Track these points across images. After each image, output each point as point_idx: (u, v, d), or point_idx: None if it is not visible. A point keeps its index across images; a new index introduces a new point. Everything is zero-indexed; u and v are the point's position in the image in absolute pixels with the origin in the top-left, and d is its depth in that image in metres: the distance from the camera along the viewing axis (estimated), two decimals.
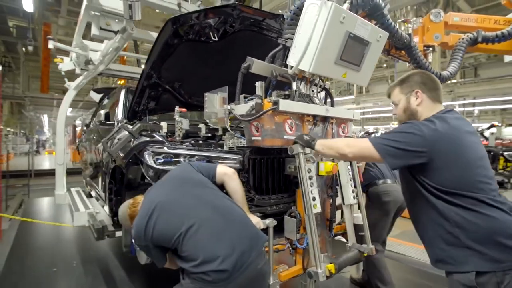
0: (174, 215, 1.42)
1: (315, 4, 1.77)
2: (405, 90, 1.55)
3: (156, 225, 1.42)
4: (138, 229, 1.46)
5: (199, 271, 1.31)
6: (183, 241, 1.37)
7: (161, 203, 1.46)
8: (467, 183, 1.28)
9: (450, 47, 2.79)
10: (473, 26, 2.79)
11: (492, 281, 1.20)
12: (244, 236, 1.42)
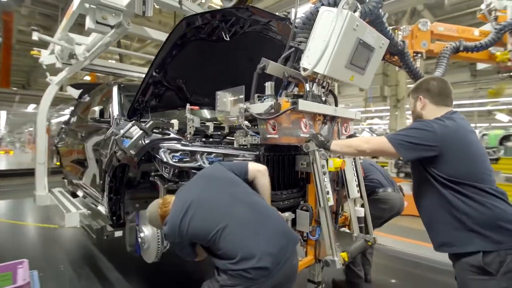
0: (211, 213, 1.45)
1: (330, 11, 1.90)
2: (414, 96, 1.74)
3: (191, 222, 1.45)
4: (172, 226, 1.48)
5: (238, 268, 1.33)
6: (220, 238, 1.39)
7: (196, 201, 1.49)
8: (473, 174, 1.48)
9: (435, 54, 3.07)
10: (455, 36, 3.10)
11: (496, 260, 1.40)
12: (280, 232, 1.46)
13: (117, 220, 2.72)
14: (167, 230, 1.52)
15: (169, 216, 1.54)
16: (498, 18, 3.08)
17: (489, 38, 2.90)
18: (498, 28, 2.90)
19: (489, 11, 3.18)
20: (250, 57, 2.81)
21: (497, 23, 3.04)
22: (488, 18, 3.19)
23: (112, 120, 2.92)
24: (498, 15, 3.09)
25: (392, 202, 2.64)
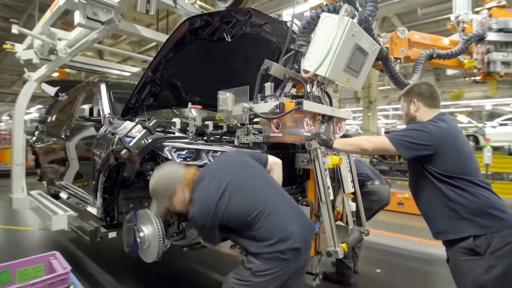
0: (251, 195, 1.48)
1: (331, 17, 2.02)
2: (407, 99, 1.91)
3: (230, 203, 1.44)
4: (206, 206, 1.44)
5: (275, 250, 1.39)
6: (260, 220, 1.42)
7: (232, 183, 1.49)
8: (464, 169, 1.67)
9: (412, 60, 3.33)
10: (429, 44, 3.38)
11: (484, 243, 1.58)
12: (306, 219, 1.60)
13: (111, 221, 2.66)
14: (197, 211, 1.46)
15: (202, 195, 1.49)
16: (465, 29, 3.40)
17: (459, 47, 3.20)
18: (466, 38, 3.21)
19: (457, 22, 3.50)
20: (244, 57, 2.89)
21: (464, 33, 3.35)
22: (457, 28, 3.51)
23: (104, 119, 2.85)
24: (465, 26, 3.41)
25: (380, 193, 2.84)
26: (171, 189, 1.57)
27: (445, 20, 8.31)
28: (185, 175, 1.58)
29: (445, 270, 1.91)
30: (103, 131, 2.71)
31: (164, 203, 1.64)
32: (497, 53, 3.16)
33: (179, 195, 1.57)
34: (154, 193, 1.62)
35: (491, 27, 3.16)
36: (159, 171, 1.63)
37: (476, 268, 1.59)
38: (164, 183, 1.58)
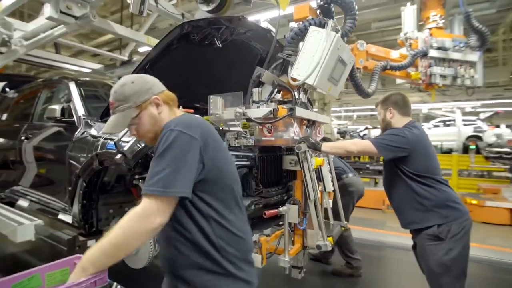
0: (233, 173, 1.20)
1: (319, 31, 2.21)
2: (384, 107, 2.18)
3: (217, 154, 1.11)
4: (195, 126, 1.07)
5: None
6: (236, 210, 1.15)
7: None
8: (430, 169, 1.98)
9: (369, 70, 3.70)
10: (383, 56, 3.79)
11: (445, 229, 1.90)
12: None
13: (89, 229, 2.54)
14: (183, 125, 1.04)
15: (184, 119, 1.10)
16: (412, 45, 3.90)
17: (407, 61, 3.66)
18: (413, 54, 3.68)
19: (405, 38, 3.98)
20: (227, 62, 2.96)
21: (411, 48, 3.84)
22: (405, 43, 4.00)
23: (78, 121, 2.68)
24: (412, 42, 3.91)
25: (356, 184, 3.17)
26: (145, 95, 1.14)
27: (390, 31, 9.27)
28: (166, 91, 1.22)
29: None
30: (80, 134, 2.56)
31: (127, 114, 1.14)
32: (437, 67, 3.66)
33: (151, 109, 1.15)
34: (119, 96, 1.15)
35: (432, 45, 3.65)
36: (130, 75, 1.23)
37: (439, 251, 1.91)
38: (137, 85, 1.16)
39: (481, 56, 3.57)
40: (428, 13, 3.70)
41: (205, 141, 1.06)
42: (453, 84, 3.57)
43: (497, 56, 9.72)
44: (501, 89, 10.15)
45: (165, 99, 1.19)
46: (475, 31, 3.13)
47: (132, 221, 0.98)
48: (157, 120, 1.17)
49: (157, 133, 1.12)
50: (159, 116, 1.17)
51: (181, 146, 1.01)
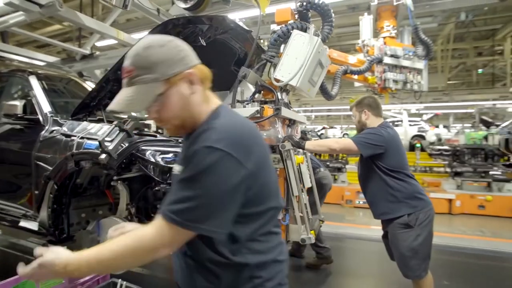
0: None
1: (301, 35, 2.31)
2: (359, 109, 2.37)
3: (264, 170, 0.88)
4: (241, 142, 0.82)
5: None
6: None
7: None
8: (401, 164, 2.20)
9: (332, 73, 3.92)
10: (343, 61, 4.06)
11: (413, 218, 2.13)
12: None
13: (60, 235, 2.36)
14: (225, 139, 0.79)
15: (229, 120, 0.87)
16: (369, 51, 4.24)
17: (365, 66, 3.96)
18: (369, 60, 4.00)
19: (363, 45, 4.32)
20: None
21: (368, 55, 4.18)
22: (363, 50, 4.33)
23: (44, 119, 2.47)
24: (368, 49, 4.25)
25: (328, 177, 3.37)
26: (177, 66, 0.85)
27: (346, 37, 9.90)
28: (200, 65, 0.92)
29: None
30: (49, 133, 2.36)
31: (151, 89, 0.84)
32: (390, 73, 4.03)
33: (183, 87, 0.86)
34: (142, 62, 0.84)
35: (386, 52, 4.00)
36: (155, 36, 0.90)
37: (409, 237, 2.13)
38: (168, 50, 0.85)
39: (426, 64, 3.99)
40: (382, 23, 4.04)
41: (258, 169, 0.82)
42: (403, 88, 3.95)
43: (436, 63, 10.91)
44: (440, 94, 11.41)
45: (201, 76, 0.89)
46: (422, 42, 3.50)
47: (138, 248, 0.80)
48: (188, 103, 0.87)
49: (185, 121, 0.89)
50: (191, 98, 0.87)
51: (223, 175, 0.77)
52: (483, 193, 5.71)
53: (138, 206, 2.41)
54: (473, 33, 10.43)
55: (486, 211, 5.56)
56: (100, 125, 2.22)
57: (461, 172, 5.91)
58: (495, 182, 5.65)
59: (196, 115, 0.89)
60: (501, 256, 3.84)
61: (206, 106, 0.91)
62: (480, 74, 12.12)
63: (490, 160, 5.85)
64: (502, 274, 3.41)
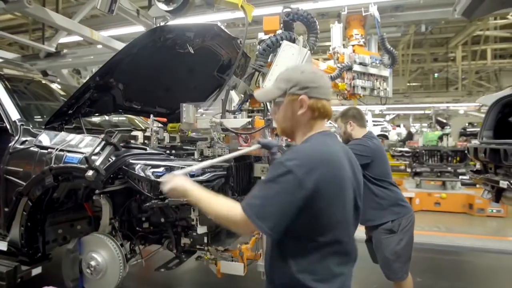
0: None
1: (291, 46, 2.34)
2: (344, 120, 2.45)
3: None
4: (314, 162, 0.99)
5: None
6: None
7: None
8: (385, 173, 2.32)
9: None
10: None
11: (397, 224, 2.26)
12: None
13: (34, 254, 2.17)
14: (301, 159, 0.99)
15: (315, 144, 1.06)
16: (339, 58, 4.40)
17: (336, 73, 4.09)
18: (340, 67, 4.16)
19: (333, 52, 4.48)
20: (189, 67, 2.86)
21: (339, 61, 4.33)
22: (333, 57, 4.49)
23: (13, 128, 2.24)
24: (339, 56, 4.41)
25: None
26: (310, 91, 1.06)
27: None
28: (328, 107, 1.11)
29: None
30: (20, 144, 2.15)
31: (275, 92, 1.13)
32: (359, 80, 4.21)
33: (297, 105, 1.07)
34: (289, 75, 1.11)
35: (355, 60, 4.18)
36: (309, 67, 1.22)
37: (392, 242, 2.26)
38: (313, 75, 1.09)
39: (391, 72, 4.23)
40: (351, 31, 4.21)
41: (318, 191, 0.96)
42: (371, 95, 4.15)
43: (398, 67, 11.61)
44: (401, 96, 12.17)
45: (315, 106, 1.07)
46: (387, 52, 3.71)
47: (225, 214, 1.05)
48: (293, 118, 1.10)
49: (285, 130, 1.19)
50: (298, 116, 1.08)
51: (283, 187, 0.95)
52: (438, 191, 6.22)
53: (122, 219, 2.31)
54: (430, 40, 11.25)
55: (441, 207, 6.02)
56: (80, 136, 2.07)
57: (420, 172, 6.36)
58: (449, 181, 6.20)
59: (296, 131, 1.14)
60: (456, 251, 4.15)
61: (308, 130, 1.12)
62: (436, 78, 13.12)
63: (445, 161, 6.39)
64: (463, 267, 3.74)
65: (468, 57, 11.11)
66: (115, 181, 2.03)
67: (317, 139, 1.08)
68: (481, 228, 5.26)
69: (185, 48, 2.30)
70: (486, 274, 3.57)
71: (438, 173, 6.26)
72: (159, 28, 2.02)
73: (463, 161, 6.21)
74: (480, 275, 3.56)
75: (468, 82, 11.43)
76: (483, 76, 12.50)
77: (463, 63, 11.34)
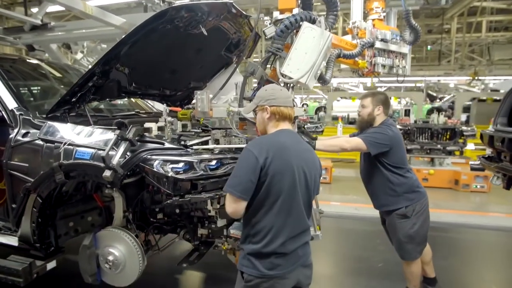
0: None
1: (312, 29, 2.18)
2: (374, 102, 2.38)
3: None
4: (263, 148, 1.38)
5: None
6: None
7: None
8: (402, 160, 2.31)
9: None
10: (336, 44, 4.01)
11: (411, 209, 2.29)
12: None
13: (47, 249, 2.10)
14: (254, 145, 1.42)
15: (266, 140, 1.45)
16: (359, 33, 4.21)
17: (357, 51, 3.95)
18: (362, 44, 4.00)
19: (353, 27, 4.27)
20: (197, 47, 2.66)
21: (359, 37, 4.14)
22: (353, 32, 4.29)
23: (12, 118, 2.06)
24: (359, 31, 4.21)
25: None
26: (270, 102, 1.48)
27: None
28: (287, 112, 1.51)
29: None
30: (21, 136, 1.98)
31: (252, 106, 1.59)
32: (380, 57, 4.06)
33: (264, 115, 1.50)
34: (258, 93, 1.59)
35: (377, 36, 4.01)
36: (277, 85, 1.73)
37: (406, 226, 2.31)
38: (272, 91, 1.53)
39: (410, 49, 4.07)
40: (371, 4, 3.98)
41: (267, 165, 1.37)
42: (389, 73, 4.01)
43: None
44: None
45: (277, 115, 1.49)
46: (412, 27, 3.54)
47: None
48: (261, 123, 1.56)
49: (261, 131, 1.61)
50: (264, 123, 1.53)
51: (244, 161, 1.42)
52: (426, 167, 6.40)
53: (135, 211, 2.24)
54: (426, 10, 10.97)
55: (429, 183, 6.13)
56: (89, 128, 1.93)
57: (410, 149, 6.46)
58: (437, 158, 6.35)
59: (267, 130, 1.54)
60: (443, 227, 4.26)
61: (274, 128, 1.51)
62: (428, 51, 13.01)
63: (435, 138, 6.48)
64: (449, 243, 3.89)
65: (463, 29, 10.99)
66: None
67: (274, 133, 1.49)
68: (465, 203, 5.45)
69: (198, 29, 2.10)
70: (466, 250, 3.70)
71: (427, 150, 6.38)
72: (171, 8, 1.81)
73: (453, 139, 6.31)
74: (461, 251, 3.67)
75: (461, 55, 11.40)
76: (475, 50, 12.48)
77: (457, 35, 11.23)
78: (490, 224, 4.38)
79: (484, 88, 13.05)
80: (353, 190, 5.94)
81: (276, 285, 1.38)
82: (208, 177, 1.86)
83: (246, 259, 1.40)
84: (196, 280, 2.91)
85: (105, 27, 3.44)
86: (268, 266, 1.36)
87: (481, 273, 3.16)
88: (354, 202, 5.16)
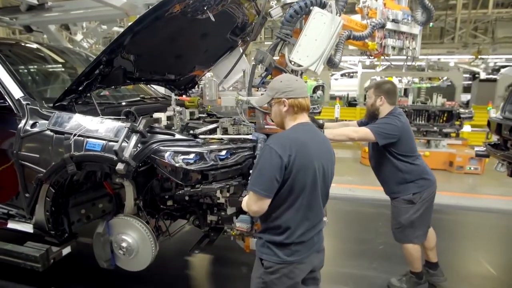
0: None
1: (323, 14, 2.12)
2: (376, 93, 2.36)
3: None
4: (286, 145, 1.36)
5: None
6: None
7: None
8: (411, 148, 2.33)
9: None
10: (346, 25, 3.88)
11: (418, 196, 2.35)
12: None
13: (61, 236, 2.16)
14: (278, 142, 1.38)
15: (287, 134, 1.44)
16: (369, 14, 4.05)
17: (367, 32, 3.82)
18: (372, 25, 3.86)
19: (364, 7, 4.10)
20: (203, 32, 2.59)
21: (369, 17, 3.99)
22: (364, 11, 4.13)
23: (18, 107, 2.03)
24: (369, 11, 4.05)
25: None
26: (288, 94, 1.44)
27: None
28: (304, 103, 1.47)
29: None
30: (30, 127, 1.97)
31: (266, 98, 1.54)
32: (390, 39, 3.92)
33: (281, 108, 1.47)
34: (273, 85, 1.52)
35: (388, 17, 3.85)
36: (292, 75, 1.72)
37: (410, 211, 2.37)
38: (288, 82, 1.47)
39: (421, 30, 3.92)
40: None
41: (290, 162, 1.39)
42: (398, 54, 3.89)
43: None
44: None
45: (297, 107, 1.47)
46: (425, 7, 3.40)
47: (244, 204, 1.48)
48: (279, 116, 1.52)
49: (278, 124, 1.58)
50: (281, 116, 1.51)
51: (268, 159, 1.41)
52: (422, 149, 6.37)
53: (145, 198, 2.28)
54: None
55: None
56: (98, 119, 1.91)
57: None
58: (434, 140, 6.38)
59: (284, 123, 1.52)
60: (439, 209, 4.42)
61: (292, 122, 1.50)
62: (431, 28, 12.68)
63: (431, 120, 6.46)
64: (441, 225, 3.94)
65: (469, 5, 10.67)
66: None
67: (294, 127, 1.47)
68: (458, 185, 5.52)
69: (205, 14, 2.03)
70: (458, 232, 3.75)
71: (424, 132, 6.39)
72: None
73: (450, 121, 6.31)
74: (452, 233, 3.68)
75: (465, 32, 11.14)
76: (479, 27, 12.19)
77: (462, 11, 10.91)
78: (481, 205, 4.44)
79: (486, 67, 12.89)
80: (348, 171, 6.01)
81: (295, 270, 1.44)
82: (218, 167, 1.88)
83: (266, 247, 1.44)
84: (205, 263, 3.01)
85: (104, 7, 3.32)
86: (288, 253, 1.42)
87: (472, 255, 3.23)
88: (349, 183, 5.22)
